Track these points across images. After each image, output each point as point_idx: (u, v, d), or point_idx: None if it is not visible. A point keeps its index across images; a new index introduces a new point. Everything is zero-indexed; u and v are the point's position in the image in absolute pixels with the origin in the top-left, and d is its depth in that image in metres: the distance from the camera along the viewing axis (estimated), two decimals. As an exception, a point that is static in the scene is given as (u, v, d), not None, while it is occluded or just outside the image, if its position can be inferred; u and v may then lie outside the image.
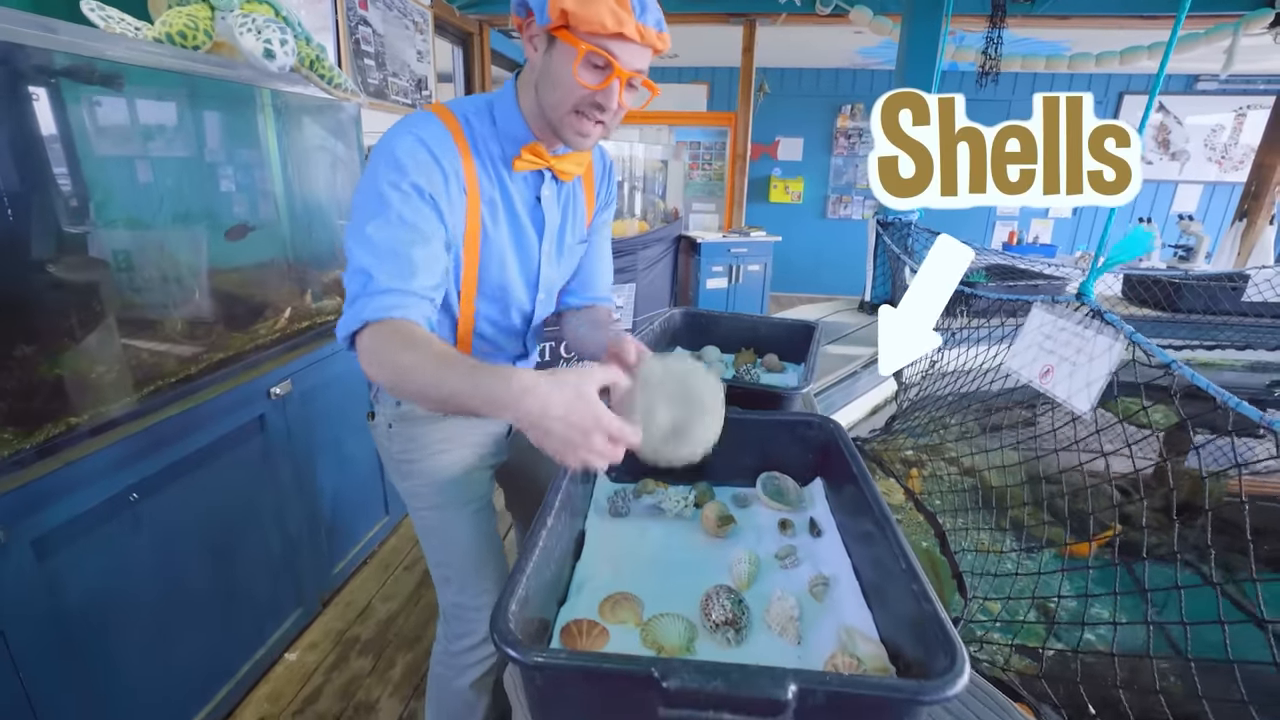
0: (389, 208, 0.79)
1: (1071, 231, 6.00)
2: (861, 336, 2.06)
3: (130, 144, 1.35)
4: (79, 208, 1.23)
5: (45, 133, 1.13)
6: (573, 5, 0.76)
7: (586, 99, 0.82)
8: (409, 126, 0.84)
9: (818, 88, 5.79)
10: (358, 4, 2.68)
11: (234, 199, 1.64)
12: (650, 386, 0.78)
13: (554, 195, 0.99)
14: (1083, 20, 3.63)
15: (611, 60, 0.79)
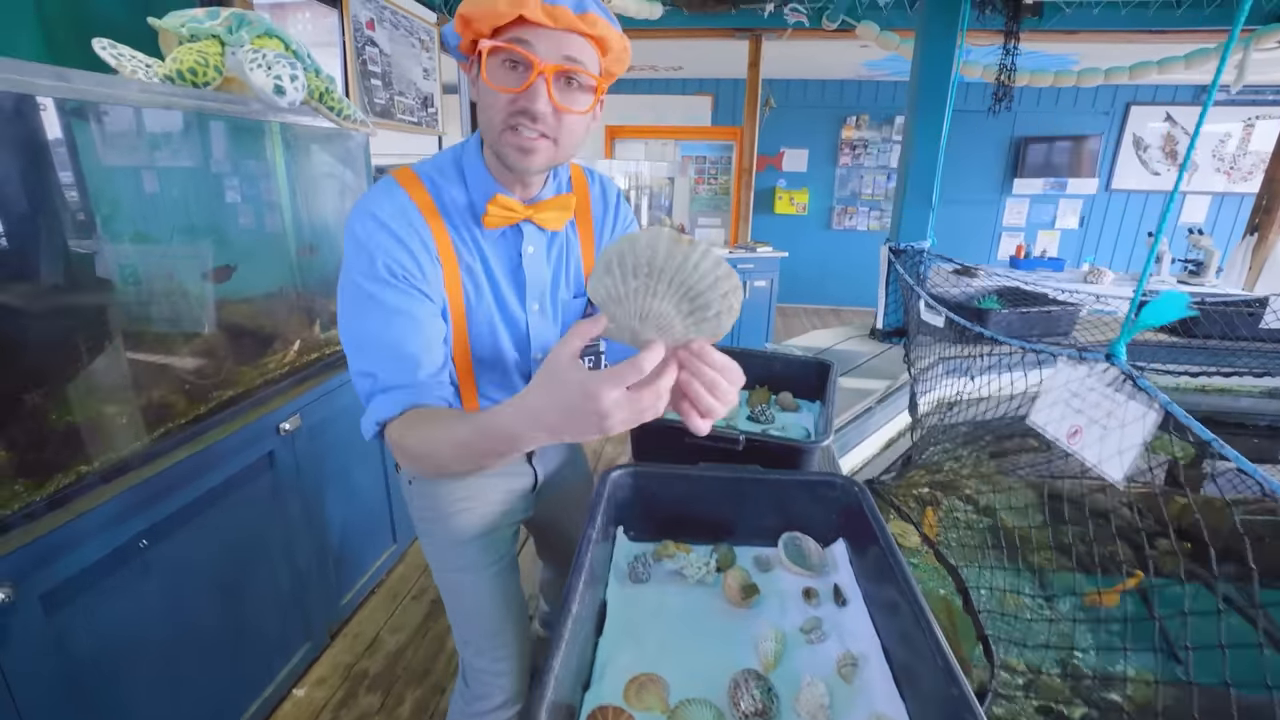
0: (369, 301, 0.77)
1: (1078, 242, 5.97)
2: (874, 367, 2.03)
3: (140, 182, 1.33)
4: (87, 247, 1.22)
5: (52, 174, 1.11)
6: (469, 7, 0.70)
7: (511, 107, 0.72)
8: (368, 206, 0.78)
9: (823, 99, 5.78)
10: (364, 25, 2.68)
11: (243, 231, 1.62)
12: (615, 279, 0.59)
13: (541, 250, 0.90)
14: (1091, 34, 3.62)
15: (524, 53, 0.69)
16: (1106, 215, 5.88)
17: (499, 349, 0.92)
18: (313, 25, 3.48)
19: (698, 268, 0.58)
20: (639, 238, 0.58)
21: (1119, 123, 5.60)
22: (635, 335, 0.59)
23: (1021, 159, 5.72)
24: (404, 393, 0.77)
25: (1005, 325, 2.10)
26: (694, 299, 0.58)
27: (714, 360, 0.59)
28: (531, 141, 0.75)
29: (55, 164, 1.09)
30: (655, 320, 0.58)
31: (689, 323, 0.58)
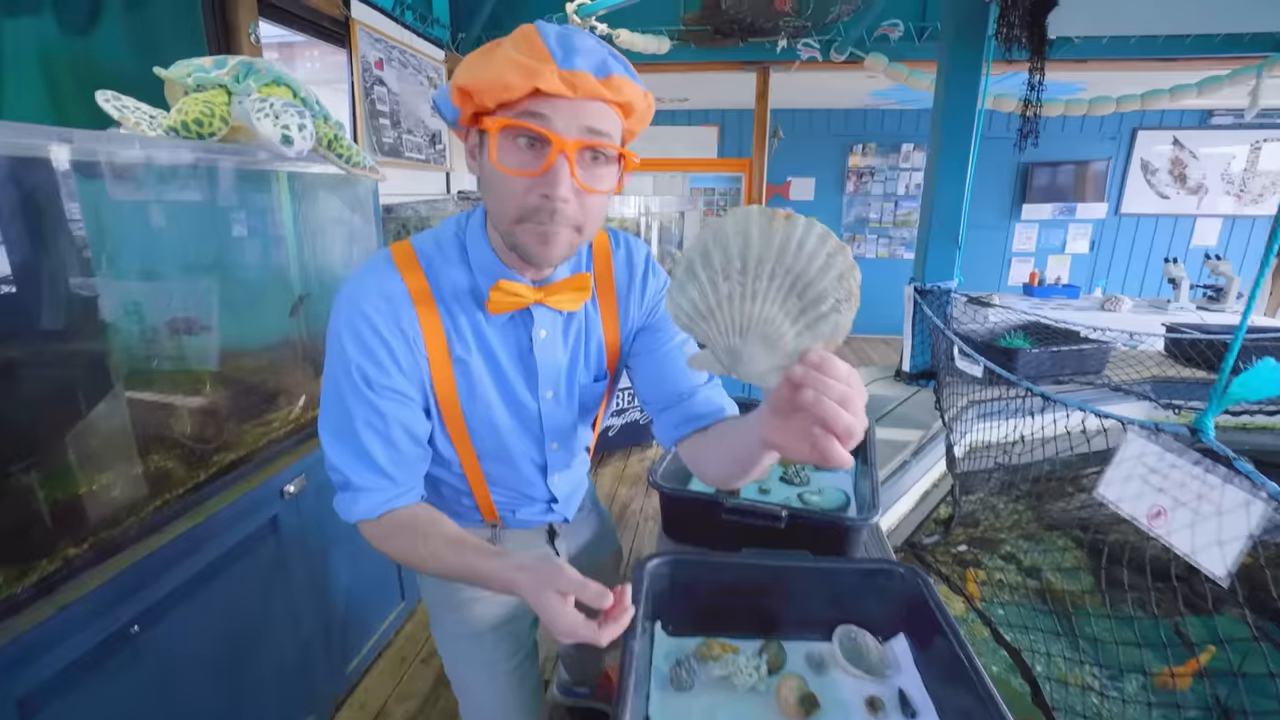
0: (344, 399, 0.72)
1: (1089, 267, 5.92)
2: (905, 415, 1.94)
3: (138, 240, 1.28)
4: (79, 310, 1.15)
5: (44, 235, 1.05)
6: (466, 78, 0.60)
7: (527, 195, 0.63)
8: (354, 294, 0.71)
9: (829, 128, 5.79)
10: (374, 65, 2.66)
11: (247, 282, 1.56)
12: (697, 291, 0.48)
13: (556, 333, 0.80)
14: (1100, 64, 3.60)
15: (541, 130, 0.59)
16: (1117, 239, 5.83)
17: (504, 441, 0.83)
18: (321, 64, 3.49)
19: (803, 247, 0.45)
20: (724, 224, 0.46)
21: (1126, 147, 5.58)
22: (736, 356, 0.48)
23: (1029, 184, 5.70)
24: (378, 496, 0.74)
25: (1035, 365, 2.02)
26: (804, 292, 0.46)
27: (839, 371, 0.46)
28: (554, 230, 0.65)
29: (47, 225, 1.03)
30: (760, 331, 0.46)
31: (801, 326, 0.46)
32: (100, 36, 1.56)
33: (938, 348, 1.88)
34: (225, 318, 1.49)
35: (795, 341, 0.47)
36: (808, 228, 0.46)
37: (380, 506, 0.74)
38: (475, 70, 0.61)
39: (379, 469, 0.73)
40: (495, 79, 0.59)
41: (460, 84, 0.61)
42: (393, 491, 0.75)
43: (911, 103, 5.38)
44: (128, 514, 1.13)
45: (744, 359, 0.48)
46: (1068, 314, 3.53)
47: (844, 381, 0.47)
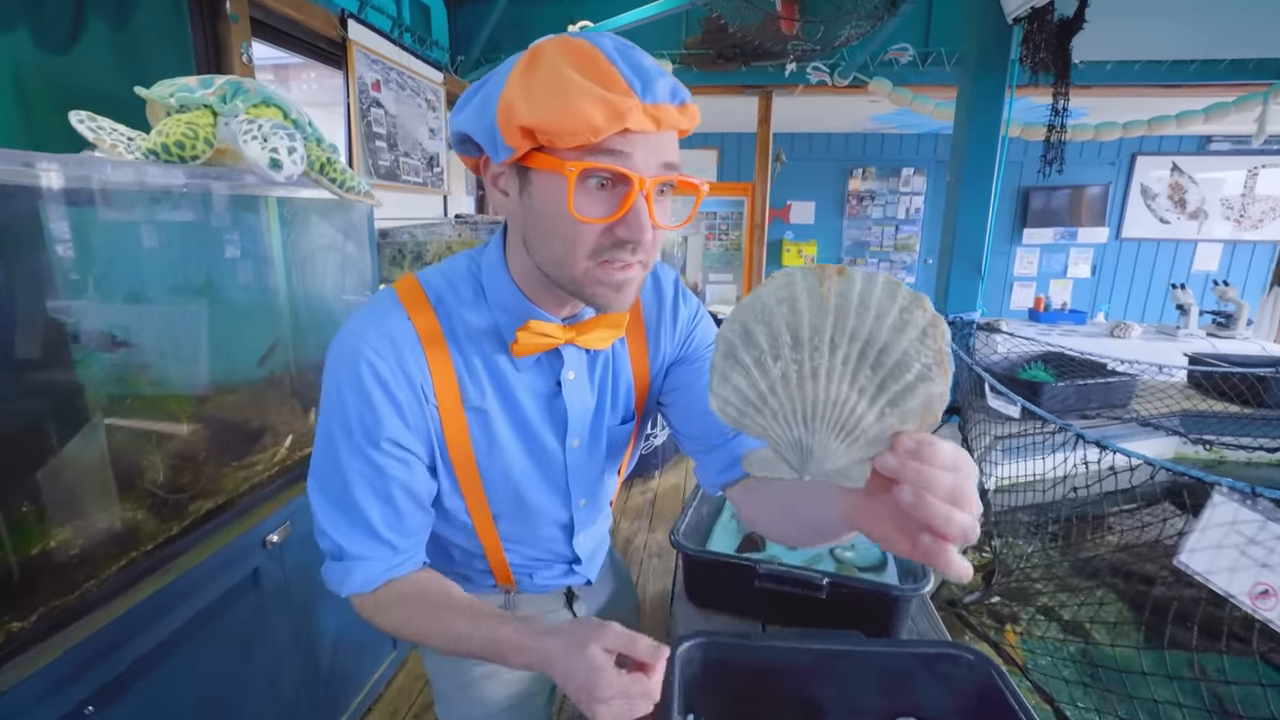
0: (339, 455, 0.64)
1: (1090, 291, 5.89)
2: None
3: (110, 270, 1.17)
4: (41, 346, 1.05)
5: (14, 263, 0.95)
6: (537, 118, 0.51)
7: (603, 239, 0.56)
8: (354, 336, 0.62)
9: (828, 152, 5.78)
10: (370, 86, 2.59)
11: (232, 314, 1.46)
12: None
13: (583, 374, 0.72)
14: (1104, 89, 3.58)
15: (622, 171, 0.53)
16: (1119, 264, 5.81)
17: (524, 498, 0.74)
18: (318, 86, 3.43)
19: (868, 307, 0.37)
20: (762, 294, 0.38)
21: (1126, 172, 5.60)
22: (806, 452, 0.38)
23: (1029, 209, 5.69)
24: (376, 566, 0.66)
25: (1061, 399, 1.94)
26: (879, 361, 0.37)
27: (945, 458, 0.37)
28: (627, 274, 0.58)
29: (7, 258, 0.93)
30: (831, 418, 0.38)
31: (883, 404, 0.37)
32: (81, 55, 1.48)
33: (961, 381, 1.79)
34: (207, 351, 1.39)
35: (878, 425, 0.38)
36: (868, 281, 0.37)
37: (379, 577, 0.66)
38: (547, 107, 0.51)
39: (377, 535, 0.65)
40: (578, 120, 0.50)
41: (528, 124, 0.52)
42: (393, 560, 0.66)
43: (912, 127, 5.38)
44: (85, 577, 1.01)
45: (816, 455, 0.39)
46: (1076, 340, 3.46)
47: (952, 470, 0.37)
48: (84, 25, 1.48)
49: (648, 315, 0.77)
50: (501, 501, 0.73)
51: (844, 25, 2.35)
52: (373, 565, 0.65)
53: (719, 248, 5.66)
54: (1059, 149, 1.85)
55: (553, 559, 0.84)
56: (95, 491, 1.09)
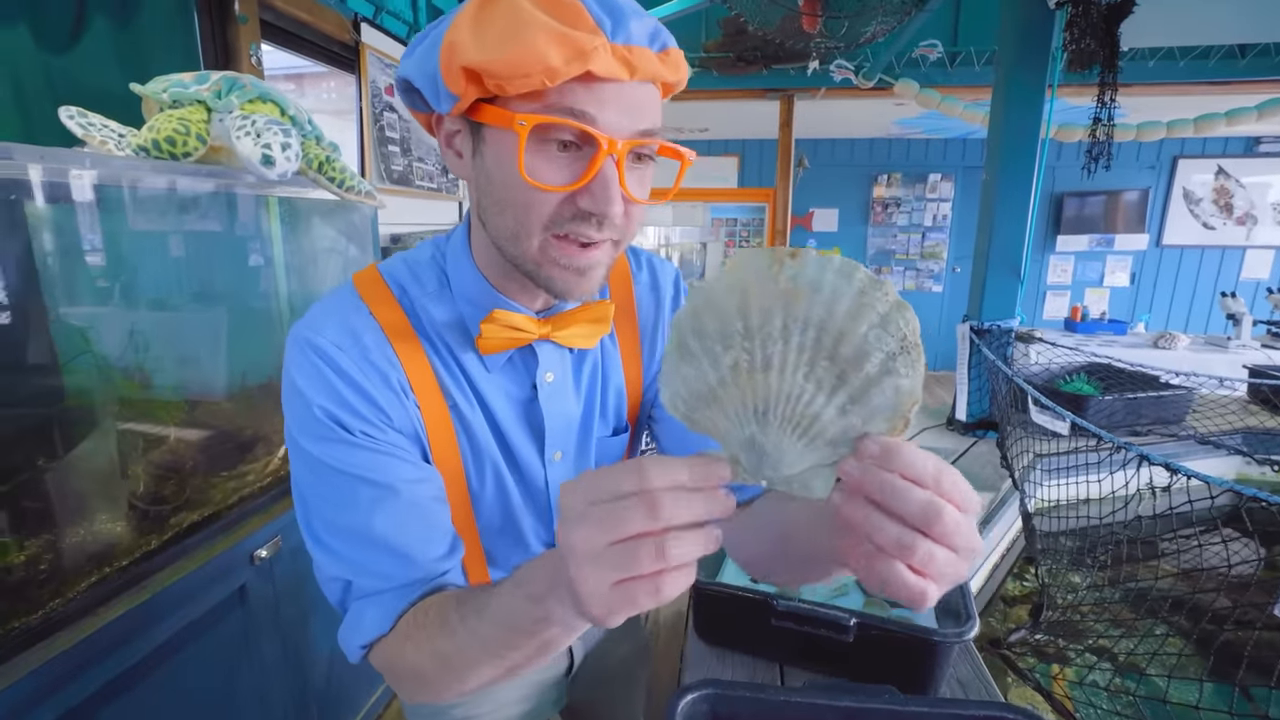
0: (316, 470, 0.52)
1: (1129, 300, 5.64)
2: (965, 472, 1.71)
3: (96, 269, 1.13)
4: (13, 337, 0.99)
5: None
6: (484, 57, 0.42)
7: (560, 211, 0.47)
8: (304, 331, 0.53)
9: (852, 158, 5.65)
10: (384, 90, 2.56)
11: (227, 317, 1.41)
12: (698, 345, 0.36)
13: (565, 376, 0.63)
14: (1145, 88, 3.41)
15: (586, 129, 0.44)
16: (1159, 272, 5.56)
17: (509, 514, 0.65)
18: (337, 95, 3.42)
19: (819, 289, 0.33)
20: (717, 281, 0.35)
21: (1167, 176, 5.36)
22: (759, 451, 0.34)
23: (1062, 215, 5.48)
24: (395, 597, 0.52)
25: (1108, 413, 1.80)
26: (835, 351, 0.33)
27: (917, 466, 0.31)
28: (591, 254, 0.50)
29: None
30: (785, 413, 0.33)
31: (843, 400, 0.33)
32: (82, 53, 1.44)
33: (998, 394, 1.66)
34: (198, 356, 1.34)
35: (840, 423, 0.33)
36: (822, 263, 0.33)
37: (402, 601, 0.52)
38: (494, 44, 0.43)
39: (387, 546, 0.51)
40: (528, 58, 0.41)
41: (470, 64, 0.43)
42: (412, 574, 0.52)
43: (939, 131, 5.23)
44: (51, 595, 0.94)
45: (771, 455, 0.34)
46: (1117, 351, 3.28)
47: (931, 484, 0.31)
48: (87, 23, 1.45)
49: (643, 315, 0.68)
50: (488, 514, 0.64)
51: (869, 21, 2.24)
52: (385, 600, 0.52)
53: (740, 255, 5.56)
54: (1106, 146, 1.72)
55: None
56: (69, 502, 1.04)
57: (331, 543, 0.53)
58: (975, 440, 1.87)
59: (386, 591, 0.52)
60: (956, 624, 0.78)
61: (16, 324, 0.96)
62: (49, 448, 1.01)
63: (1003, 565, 1.51)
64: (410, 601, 0.52)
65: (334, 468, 0.51)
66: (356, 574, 0.52)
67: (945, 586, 0.31)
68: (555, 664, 0.82)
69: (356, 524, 0.51)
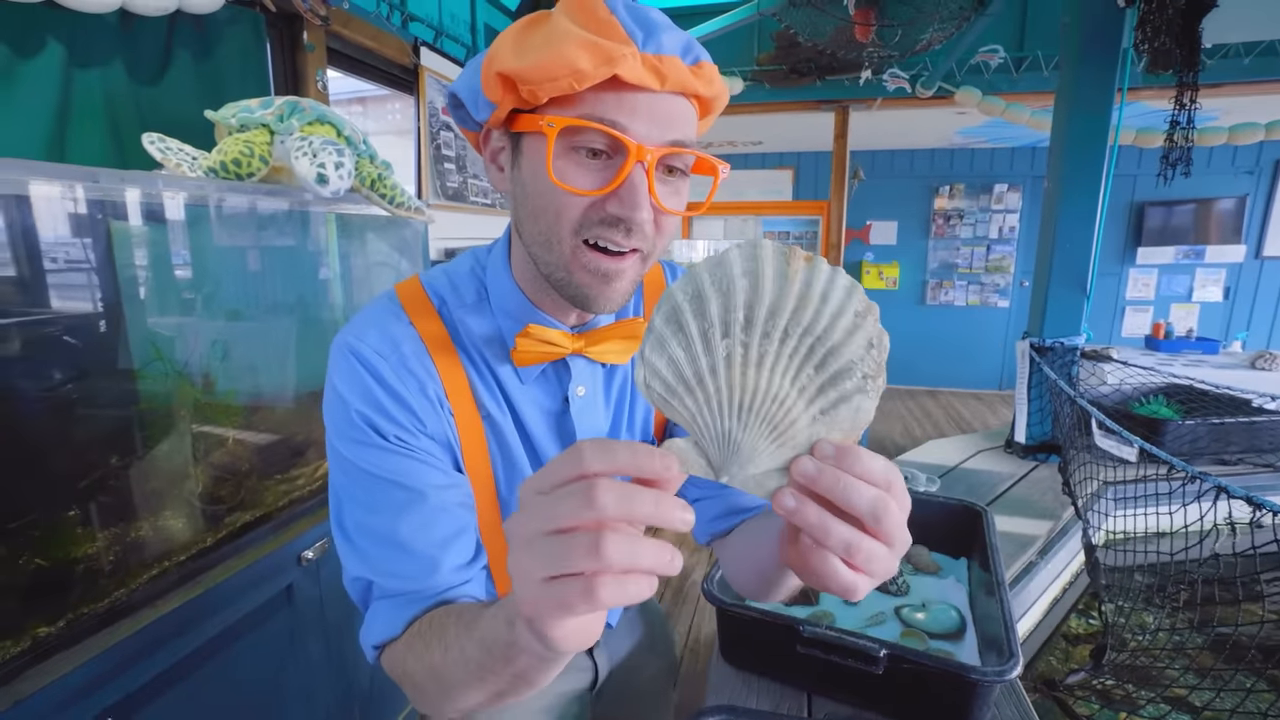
0: (349, 472, 0.53)
1: (1223, 317, 5.20)
2: (1023, 499, 1.59)
3: (168, 280, 1.21)
4: (93, 352, 1.08)
5: (42, 267, 0.99)
6: (516, 63, 0.45)
7: (587, 216, 0.48)
8: (347, 337, 0.56)
9: (911, 169, 5.48)
10: (440, 110, 2.67)
11: (287, 326, 1.49)
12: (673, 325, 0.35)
13: (596, 390, 0.64)
14: (1238, 87, 3.16)
15: (618, 136, 0.45)
16: (1259, 286, 5.10)
17: None
18: (400, 115, 3.59)
19: (827, 300, 0.34)
20: (728, 260, 0.34)
21: (1268, 183, 4.93)
22: (733, 447, 0.33)
23: (1144, 226, 5.12)
24: (409, 601, 0.52)
25: (1190, 440, 1.65)
26: (825, 361, 0.34)
27: (871, 469, 0.32)
28: (618, 263, 0.50)
29: (41, 260, 0.96)
30: (765, 412, 0.33)
31: (816, 410, 0.34)
32: (168, 85, 1.57)
33: (1060, 415, 1.56)
34: (259, 363, 1.42)
35: (808, 431, 0.34)
36: (833, 275, 0.34)
37: (413, 605, 0.52)
38: (527, 52, 0.46)
39: (414, 552, 0.52)
40: (558, 62, 0.44)
41: (505, 70, 0.46)
42: (431, 581, 0.52)
43: (1005, 140, 5.00)
44: (116, 585, 1.01)
45: (743, 452, 0.33)
46: (1205, 372, 3.02)
47: (882, 485, 0.32)
48: (172, 57, 1.58)
49: None
50: None
51: (925, 28, 2.18)
52: (401, 601, 0.52)
53: (792, 269, 5.48)
54: (1185, 152, 1.59)
55: None
56: (138, 500, 1.11)
57: (359, 542, 0.54)
58: (1036, 464, 1.75)
59: (402, 595, 0.53)
60: (999, 658, 0.73)
61: (99, 331, 1.04)
62: (124, 448, 1.09)
63: (1064, 600, 1.40)
64: (424, 608, 0.52)
65: (366, 470, 0.53)
66: (379, 574, 0.53)
67: (876, 581, 0.33)
68: (579, 678, 0.82)
69: (383, 525, 0.52)
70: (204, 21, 1.62)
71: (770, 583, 0.51)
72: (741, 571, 0.59)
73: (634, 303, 0.69)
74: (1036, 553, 1.31)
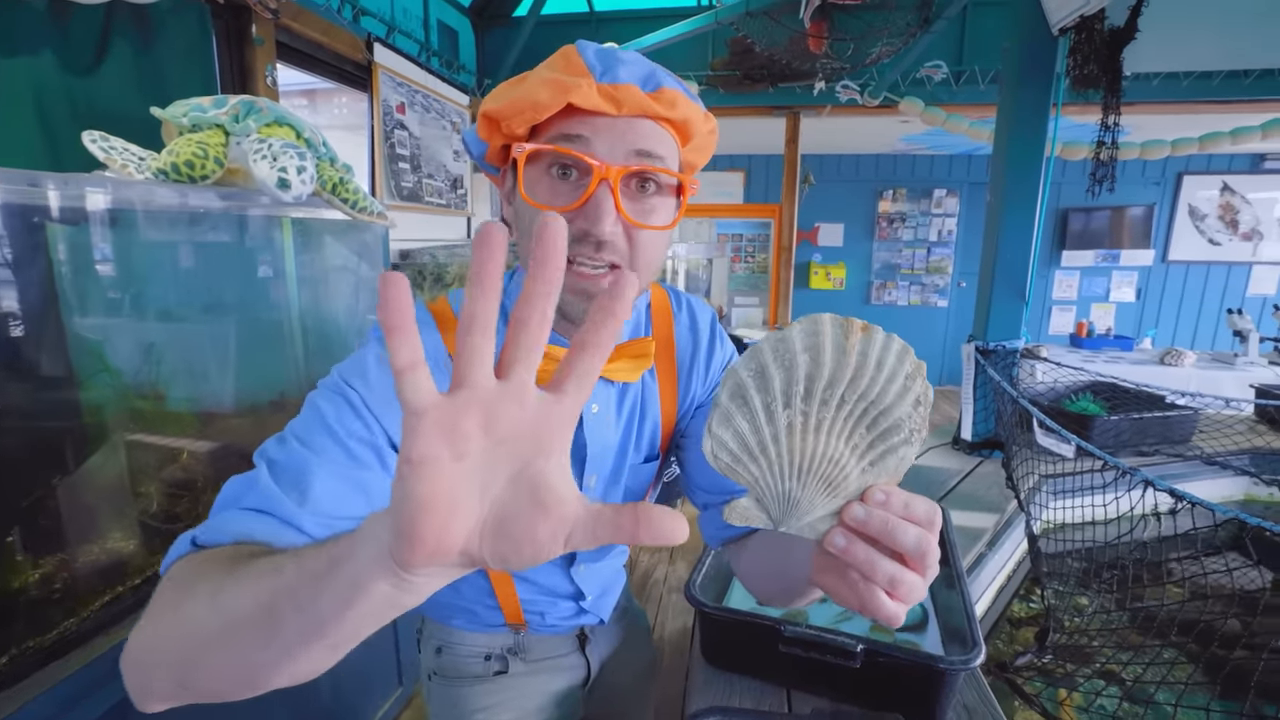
0: (311, 406, 0.51)
1: (1135, 316, 5.63)
2: (971, 493, 1.69)
3: (116, 286, 1.15)
4: (37, 362, 1.01)
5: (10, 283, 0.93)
6: (493, 104, 0.54)
7: (570, 234, 0.49)
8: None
9: (857, 173, 5.68)
10: (395, 109, 2.60)
11: (241, 333, 1.43)
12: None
13: (609, 408, 0.66)
14: (1150, 106, 3.43)
15: (578, 155, 0.50)
16: (1165, 287, 5.55)
17: None
18: (347, 110, 3.47)
19: (882, 367, 0.37)
20: (790, 337, 0.37)
21: (1172, 192, 5.36)
22: (792, 505, 0.37)
23: (1067, 230, 5.49)
24: (232, 521, 0.44)
25: (1115, 434, 1.79)
26: (876, 421, 0.37)
27: (915, 508, 0.36)
28: (594, 279, 0.53)
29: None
30: (822, 472, 0.37)
31: (866, 463, 0.37)
32: (105, 77, 1.48)
33: (1003, 414, 1.67)
34: (211, 372, 1.36)
35: (859, 480, 0.37)
36: (887, 343, 0.37)
37: (220, 532, 0.43)
38: (503, 93, 0.54)
39: (294, 472, 0.46)
40: (524, 99, 0.51)
41: (486, 110, 0.55)
42: (262, 524, 0.44)
43: (944, 148, 5.25)
44: (65, 614, 0.95)
45: (800, 507, 0.37)
46: (1123, 368, 3.27)
47: (918, 520, 0.36)
48: (109, 48, 1.49)
49: (681, 354, 0.73)
50: None
51: (875, 43, 2.28)
52: (230, 517, 0.44)
53: (745, 270, 5.59)
54: (1110, 168, 1.74)
55: (558, 594, 0.77)
56: (82, 521, 1.05)
57: (261, 453, 0.49)
58: (981, 460, 1.87)
59: (264, 514, 0.44)
60: (963, 651, 0.78)
61: (35, 340, 0.98)
62: (66, 465, 1.02)
63: (1008, 587, 1.50)
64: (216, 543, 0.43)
65: (323, 401, 0.51)
66: (231, 485, 0.47)
67: (910, 604, 0.37)
68: (573, 675, 0.84)
69: (286, 442, 0.48)
70: (145, 11, 1.53)
71: (794, 594, 0.54)
72: (761, 578, 0.62)
73: (644, 323, 0.72)
74: (985, 544, 1.40)
